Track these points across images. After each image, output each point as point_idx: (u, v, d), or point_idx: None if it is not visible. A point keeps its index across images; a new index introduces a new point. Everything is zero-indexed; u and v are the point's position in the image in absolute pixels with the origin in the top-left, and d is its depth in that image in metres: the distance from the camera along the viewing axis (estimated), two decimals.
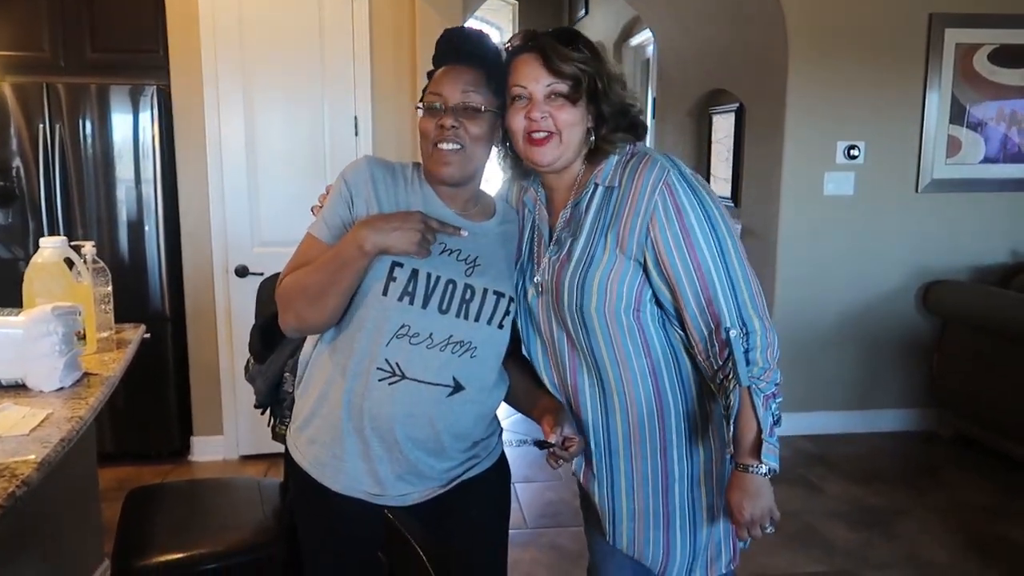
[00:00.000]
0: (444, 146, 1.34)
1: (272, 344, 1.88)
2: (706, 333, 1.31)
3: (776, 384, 1.32)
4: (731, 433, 1.33)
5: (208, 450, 3.60)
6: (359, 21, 3.43)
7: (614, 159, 1.37)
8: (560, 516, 3.09)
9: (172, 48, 3.38)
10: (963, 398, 3.79)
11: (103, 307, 2.22)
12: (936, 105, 3.85)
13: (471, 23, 4.51)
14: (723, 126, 4.73)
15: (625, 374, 1.38)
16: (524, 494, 3.29)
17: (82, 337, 1.92)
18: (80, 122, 3.32)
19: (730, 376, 1.30)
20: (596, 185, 1.37)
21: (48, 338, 1.68)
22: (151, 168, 3.39)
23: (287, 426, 1.86)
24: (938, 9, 3.77)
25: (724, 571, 1.47)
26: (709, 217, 1.30)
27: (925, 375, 4.03)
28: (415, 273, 1.33)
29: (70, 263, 2.01)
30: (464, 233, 1.34)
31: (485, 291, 1.38)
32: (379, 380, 1.33)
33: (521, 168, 1.47)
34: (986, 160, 3.95)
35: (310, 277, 1.32)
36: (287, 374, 1.80)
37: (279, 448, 3.90)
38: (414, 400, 1.34)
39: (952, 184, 3.93)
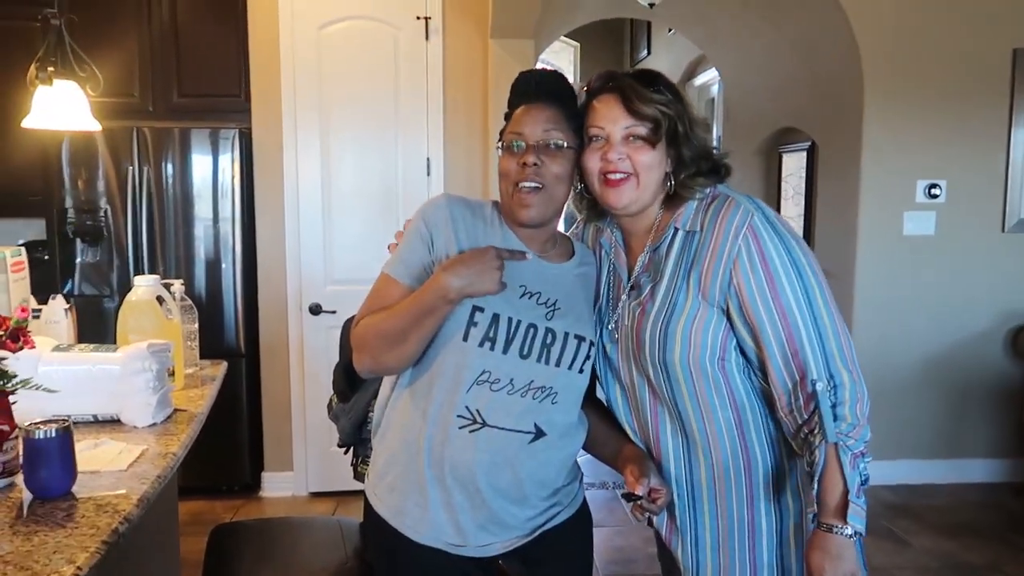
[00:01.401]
0: (525, 184, 1.32)
1: (356, 383, 1.89)
2: (790, 386, 1.25)
3: (865, 442, 1.24)
4: (815, 491, 1.25)
5: (278, 486, 3.63)
6: (433, 63, 3.51)
7: (694, 203, 1.33)
8: (632, 564, 3.01)
9: (254, 92, 3.51)
10: None
11: (189, 344, 2.28)
12: (1023, 142, 3.72)
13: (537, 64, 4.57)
14: (793, 165, 4.65)
15: (710, 426, 1.33)
16: (594, 539, 3.20)
17: (171, 373, 1.96)
18: (166, 164, 3.45)
19: (815, 431, 1.23)
20: (676, 229, 1.33)
21: (143, 375, 1.72)
22: (230, 207, 3.49)
23: (369, 465, 1.86)
24: (1023, 44, 3.66)
25: None
26: (795, 262, 1.24)
27: (1015, 422, 3.82)
28: (496, 318, 1.30)
29: (160, 300, 2.07)
30: (529, 256, 1.32)
31: (566, 335, 1.35)
32: (460, 428, 1.31)
33: (596, 210, 1.45)
34: None
35: (389, 322, 1.29)
36: (372, 413, 1.81)
37: (348, 486, 3.90)
38: (496, 447, 1.31)
39: None
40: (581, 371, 1.37)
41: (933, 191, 3.71)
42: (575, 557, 1.50)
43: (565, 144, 1.34)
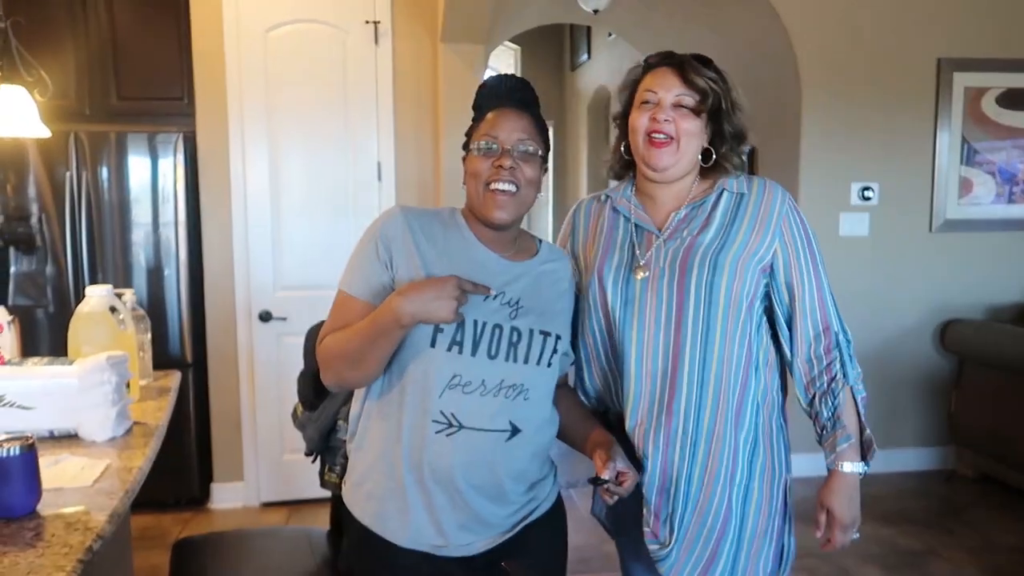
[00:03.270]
0: (501, 186, 1.34)
1: (323, 392, 1.88)
2: (812, 335, 1.46)
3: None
4: (836, 433, 1.44)
5: (229, 497, 3.55)
6: (382, 67, 3.50)
7: (735, 177, 1.50)
8: (591, 562, 3.05)
9: (198, 96, 3.43)
10: (983, 436, 3.79)
11: (142, 355, 2.22)
12: (947, 147, 3.93)
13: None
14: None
15: (726, 366, 1.43)
16: None
17: (128, 386, 1.91)
18: (104, 169, 3.35)
19: (836, 376, 1.44)
20: (724, 190, 1.48)
21: (102, 388, 1.68)
22: (172, 213, 3.41)
23: (337, 473, 1.85)
24: (946, 54, 3.87)
25: None
26: (816, 241, 1.49)
27: (943, 413, 4.03)
28: (461, 322, 1.32)
29: (113, 310, 2.01)
30: (493, 292, 1.34)
31: (531, 332, 1.37)
32: (436, 432, 1.32)
33: (622, 173, 1.58)
34: (997, 200, 4.01)
35: (349, 343, 1.32)
36: (341, 421, 1.80)
37: (301, 495, 3.85)
38: (474, 448, 1.33)
39: (965, 224, 3.98)
40: (549, 365, 1.39)
41: (866, 193, 3.88)
42: (553, 550, 1.53)
43: (539, 152, 1.38)
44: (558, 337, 1.41)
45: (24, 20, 2.05)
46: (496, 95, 1.42)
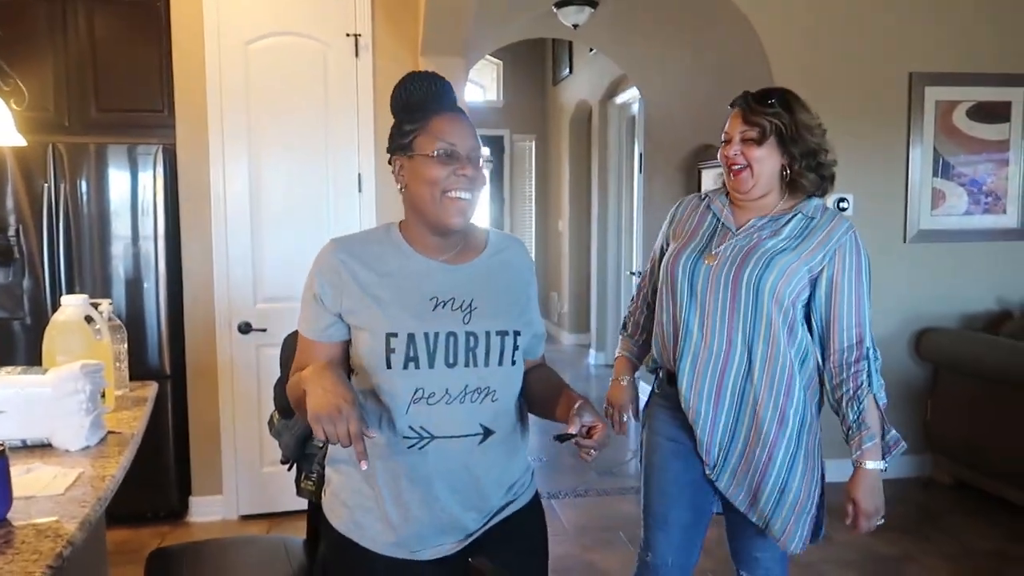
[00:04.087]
0: (461, 195, 1.34)
1: None
2: (845, 344, 1.72)
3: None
4: (856, 433, 1.71)
5: (207, 510, 3.52)
6: (363, 80, 3.52)
7: (814, 203, 1.78)
8: (572, 572, 3.05)
9: (178, 108, 3.43)
10: (958, 443, 3.84)
11: (118, 365, 2.21)
12: (919, 159, 4.00)
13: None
14: (711, 181, 4.85)
15: (772, 348, 1.72)
16: None
17: (103, 395, 1.90)
18: (83, 181, 3.33)
19: (862, 384, 1.70)
20: (799, 214, 1.76)
21: (76, 396, 1.67)
22: (152, 225, 3.40)
23: (313, 481, 1.85)
24: (918, 68, 3.95)
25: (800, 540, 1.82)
26: (868, 269, 1.76)
27: (920, 421, 4.08)
28: (411, 338, 1.32)
29: (88, 320, 2.00)
30: (375, 435, 1.28)
31: (488, 334, 1.37)
32: (408, 447, 1.34)
33: (725, 189, 1.89)
34: (969, 212, 4.09)
35: (292, 394, 1.38)
36: None
37: (281, 507, 3.82)
38: (449, 455, 1.35)
39: (938, 235, 4.05)
40: (513, 363, 1.39)
41: (841, 204, 3.94)
42: (531, 545, 1.53)
43: (486, 160, 1.40)
44: (516, 333, 1.40)
45: (3, 31, 2.05)
46: (435, 98, 1.39)
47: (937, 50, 3.97)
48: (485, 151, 1.42)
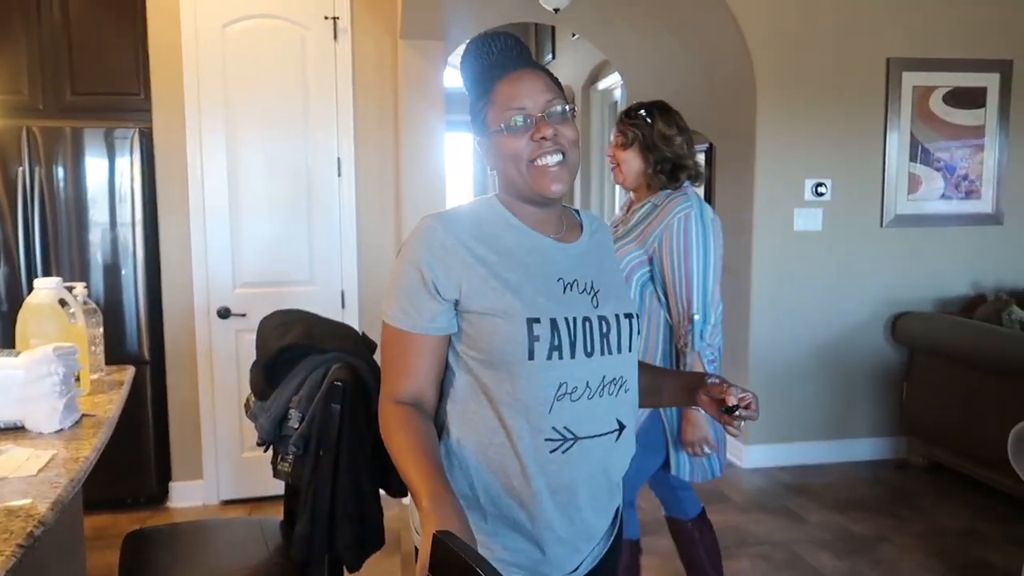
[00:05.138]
0: (550, 160, 1.19)
1: (275, 381, 1.89)
2: (677, 312, 2.05)
3: (718, 350, 2.14)
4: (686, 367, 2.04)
5: (188, 496, 3.52)
6: (342, 63, 3.50)
7: (665, 192, 2.10)
8: None
9: (155, 91, 3.40)
10: (932, 425, 3.90)
11: (94, 349, 2.20)
12: (896, 144, 4.04)
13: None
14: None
15: (634, 320, 1.96)
16: None
17: (77, 379, 1.90)
18: (58, 165, 3.30)
19: (689, 344, 2.03)
20: (649, 202, 2.11)
21: (49, 379, 1.66)
22: (129, 209, 3.37)
23: (289, 463, 1.85)
24: (895, 54, 3.98)
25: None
26: (704, 243, 2.03)
27: (896, 404, 4.14)
28: (554, 324, 1.16)
29: (63, 303, 1.99)
30: None
31: (617, 317, 1.24)
32: (551, 451, 1.17)
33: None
34: (944, 196, 4.13)
35: (393, 451, 1.14)
36: (292, 410, 1.81)
37: (262, 492, 3.83)
38: (592, 458, 1.20)
39: (914, 219, 4.10)
40: (630, 349, 1.27)
41: (820, 189, 3.97)
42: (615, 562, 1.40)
43: (570, 109, 1.24)
44: (637, 317, 1.29)
45: None
46: (499, 64, 1.25)
47: (914, 35, 4.00)
48: (569, 98, 1.28)
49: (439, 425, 1.24)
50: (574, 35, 6.64)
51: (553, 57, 7.55)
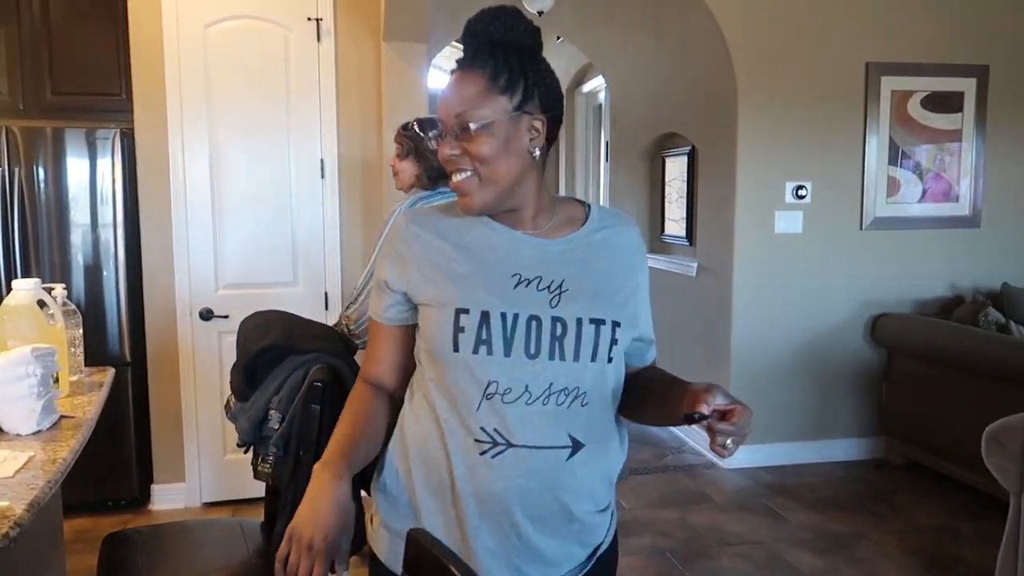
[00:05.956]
0: (456, 177, 1.14)
1: (254, 382, 1.89)
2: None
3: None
4: None
5: (169, 498, 3.51)
6: (325, 65, 3.50)
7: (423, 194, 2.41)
8: None
9: (136, 91, 3.38)
10: (911, 425, 3.95)
11: (73, 350, 2.19)
12: (875, 147, 4.09)
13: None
14: (675, 169, 4.91)
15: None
16: None
17: (55, 380, 1.89)
18: (38, 166, 3.28)
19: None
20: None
21: (26, 380, 1.66)
22: (111, 211, 3.35)
23: (269, 463, 1.86)
24: (874, 58, 4.03)
25: None
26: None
27: (875, 404, 4.19)
28: (485, 316, 1.10)
29: (41, 304, 1.99)
30: (344, 571, 1.13)
31: (579, 321, 1.12)
32: (480, 454, 1.10)
33: None
34: (923, 200, 4.19)
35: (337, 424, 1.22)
36: (272, 411, 1.81)
37: (244, 494, 3.82)
38: (527, 470, 1.10)
39: (893, 222, 4.15)
40: (610, 360, 1.14)
41: (800, 192, 4.02)
42: None
43: (485, 121, 1.11)
44: (616, 325, 1.14)
45: None
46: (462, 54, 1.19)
47: (893, 41, 4.06)
48: (486, 110, 1.11)
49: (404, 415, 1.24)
50: (559, 38, 6.66)
51: None
